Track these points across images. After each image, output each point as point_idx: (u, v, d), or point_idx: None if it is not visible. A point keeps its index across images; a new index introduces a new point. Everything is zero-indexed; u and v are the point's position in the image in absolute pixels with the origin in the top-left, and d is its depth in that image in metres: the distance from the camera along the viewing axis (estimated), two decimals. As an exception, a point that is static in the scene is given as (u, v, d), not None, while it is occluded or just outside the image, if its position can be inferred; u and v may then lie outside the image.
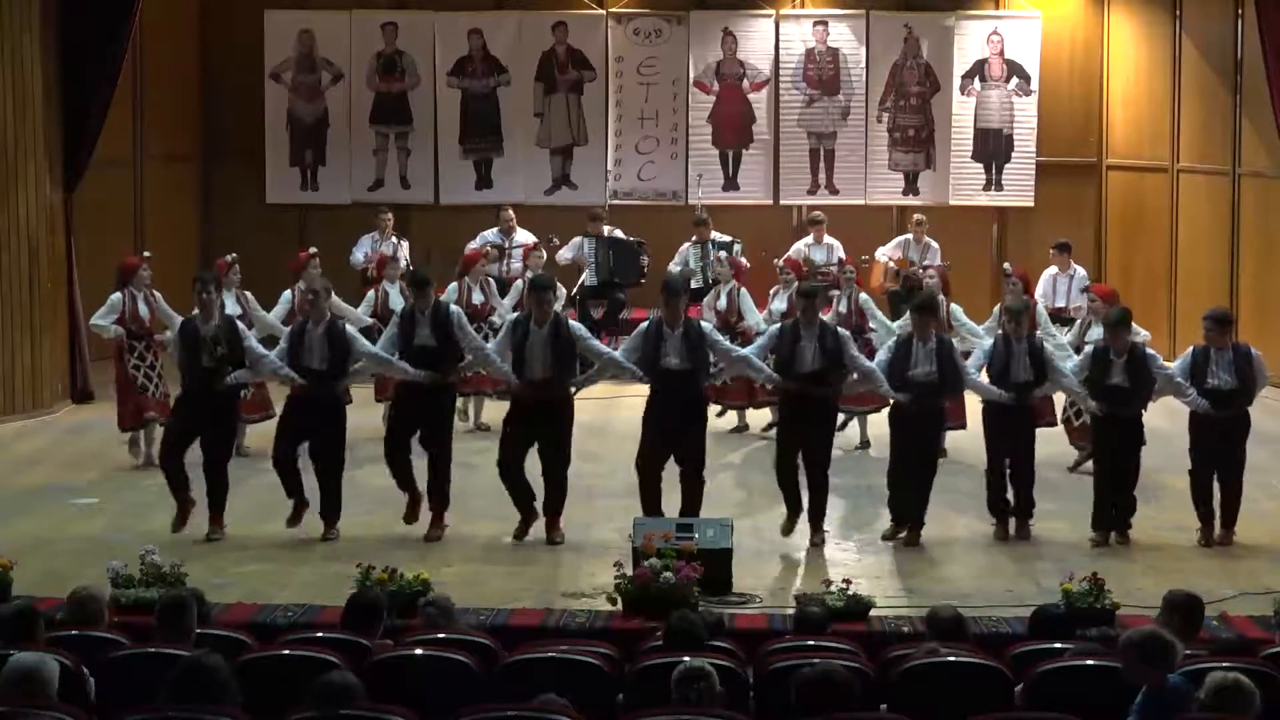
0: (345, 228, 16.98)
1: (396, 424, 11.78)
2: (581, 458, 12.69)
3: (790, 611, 9.19)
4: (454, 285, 14.37)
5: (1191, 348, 11.48)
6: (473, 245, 16.02)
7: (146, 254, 13.70)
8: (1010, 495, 11.50)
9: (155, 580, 9.36)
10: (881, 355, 11.55)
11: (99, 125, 15.65)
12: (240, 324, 11.84)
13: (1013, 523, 11.48)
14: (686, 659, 6.75)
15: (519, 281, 14.90)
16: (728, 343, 11.76)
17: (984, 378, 11.54)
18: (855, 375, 11.35)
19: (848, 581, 9.63)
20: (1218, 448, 11.29)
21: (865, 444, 13.86)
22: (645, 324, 11.41)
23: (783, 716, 6.55)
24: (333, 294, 13.58)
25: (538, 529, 11.39)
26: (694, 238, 16.45)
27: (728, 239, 16.33)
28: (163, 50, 17.55)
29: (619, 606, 9.50)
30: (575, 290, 16.58)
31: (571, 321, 11.63)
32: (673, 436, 11.19)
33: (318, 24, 18.48)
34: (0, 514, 11.96)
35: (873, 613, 9.47)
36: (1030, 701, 7.03)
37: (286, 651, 7.36)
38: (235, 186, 18.62)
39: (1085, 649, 7.47)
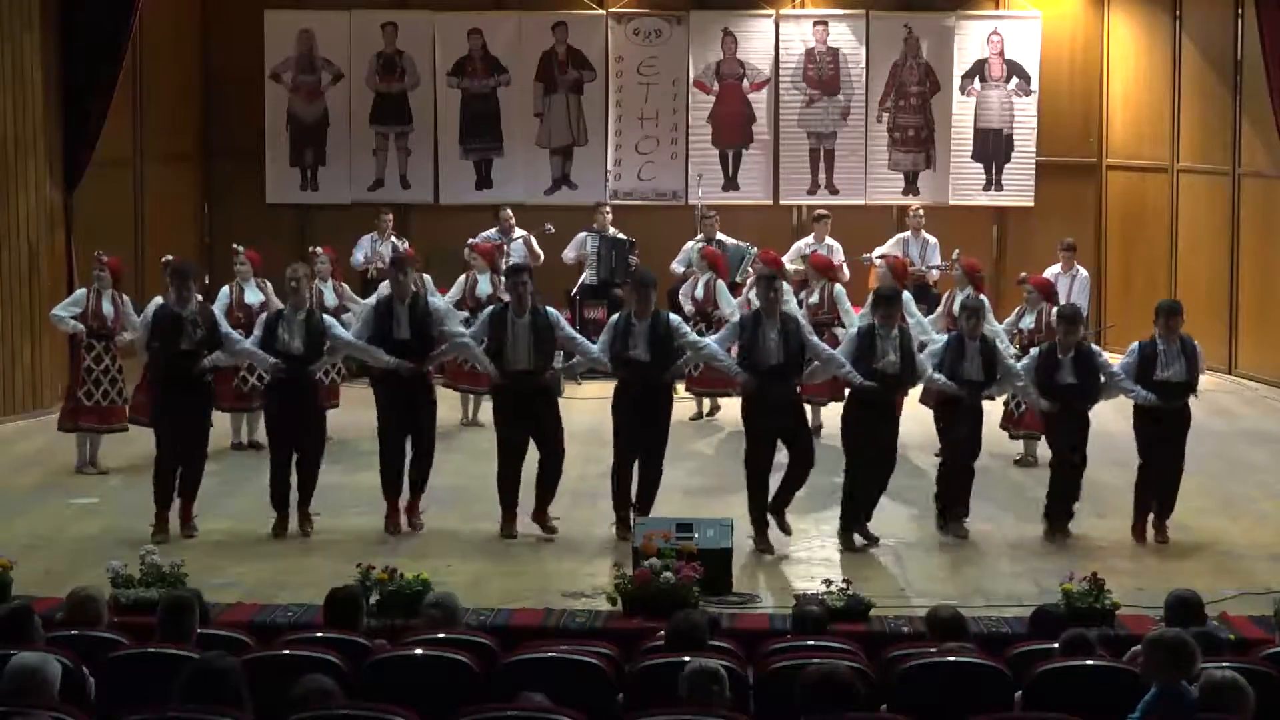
0: (345, 228, 16.99)
1: (389, 428, 11.58)
2: (583, 459, 12.70)
3: (790, 611, 9.19)
4: (463, 277, 14.82)
5: (1138, 343, 11.45)
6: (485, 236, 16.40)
7: (97, 253, 13.33)
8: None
9: (155, 580, 9.37)
10: (845, 346, 11.42)
11: (99, 125, 15.65)
12: (215, 310, 11.94)
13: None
14: (689, 658, 6.74)
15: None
16: (694, 335, 11.77)
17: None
18: (817, 362, 11.22)
19: (848, 581, 9.64)
20: (1160, 441, 11.28)
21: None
22: (616, 317, 11.49)
23: (784, 717, 6.54)
24: (343, 285, 14.16)
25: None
26: (698, 236, 16.45)
27: (744, 244, 16.31)
28: (163, 50, 17.53)
29: (619, 606, 9.51)
30: (575, 290, 16.60)
31: (549, 309, 11.61)
32: (637, 426, 11.24)
33: (318, 24, 18.48)
34: (0, 514, 11.96)
35: (873, 613, 9.47)
36: (1030, 702, 7.02)
37: (286, 651, 7.35)
38: (235, 186, 18.62)
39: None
